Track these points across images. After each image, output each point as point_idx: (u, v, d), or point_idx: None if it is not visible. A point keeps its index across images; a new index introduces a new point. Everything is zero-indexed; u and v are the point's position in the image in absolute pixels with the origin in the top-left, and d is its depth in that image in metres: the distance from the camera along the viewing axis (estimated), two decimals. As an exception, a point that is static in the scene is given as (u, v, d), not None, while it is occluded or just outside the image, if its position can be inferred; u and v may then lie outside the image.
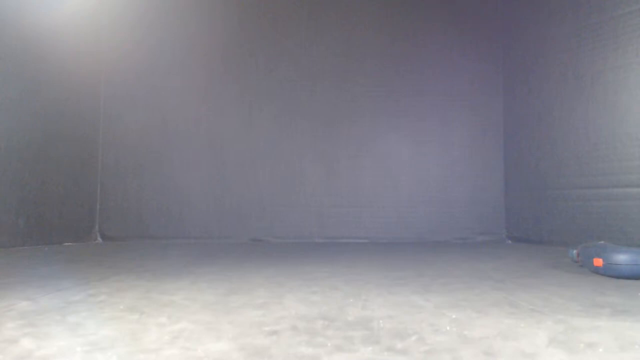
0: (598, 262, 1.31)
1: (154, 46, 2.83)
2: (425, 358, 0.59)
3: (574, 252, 1.51)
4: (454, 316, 0.81)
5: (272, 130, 2.84)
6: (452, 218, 2.78)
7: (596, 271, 1.33)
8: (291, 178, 2.81)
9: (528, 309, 0.87)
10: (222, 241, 2.69)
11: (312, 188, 2.80)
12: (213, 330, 0.72)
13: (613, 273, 1.26)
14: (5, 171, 2.06)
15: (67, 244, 2.42)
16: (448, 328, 0.73)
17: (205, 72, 2.85)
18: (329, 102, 2.84)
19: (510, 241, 2.70)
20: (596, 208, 2.12)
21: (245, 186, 2.80)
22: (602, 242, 1.52)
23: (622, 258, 1.25)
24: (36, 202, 2.24)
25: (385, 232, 2.76)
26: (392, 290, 1.08)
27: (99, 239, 2.71)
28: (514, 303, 0.93)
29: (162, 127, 2.81)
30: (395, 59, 2.85)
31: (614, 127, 2.06)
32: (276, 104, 2.84)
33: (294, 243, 2.64)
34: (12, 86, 2.11)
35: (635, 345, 0.66)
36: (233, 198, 2.79)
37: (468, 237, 2.75)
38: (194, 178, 2.80)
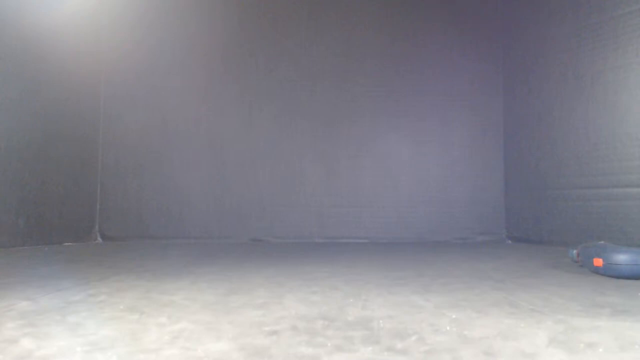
0: (598, 262, 1.31)
1: (154, 46, 2.83)
2: (425, 358, 0.59)
3: (574, 252, 1.51)
4: (454, 316, 0.81)
5: (272, 130, 2.84)
6: (452, 218, 2.78)
7: (596, 271, 1.33)
8: (291, 178, 2.81)
9: (528, 309, 0.87)
10: (222, 241, 2.69)
11: (312, 188, 2.80)
12: (213, 330, 0.72)
13: (613, 273, 1.27)
14: (5, 171, 2.06)
15: (67, 244, 2.41)
16: (448, 328, 0.73)
17: (205, 72, 2.85)
18: (329, 102, 2.84)
19: (510, 241, 2.71)
20: (596, 208, 2.12)
21: (245, 186, 2.80)
22: (602, 242, 1.52)
23: (622, 258, 1.25)
24: (36, 202, 2.24)
25: (385, 232, 2.76)
26: (392, 290, 1.08)
27: (99, 239, 2.71)
28: (514, 303, 0.93)
29: (162, 127, 2.81)
30: (395, 59, 2.86)
31: (614, 127, 2.06)
32: (276, 104, 2.84)
33: (294, 243, 2.64)
34: (12, 86, 2.11)
35: (635, 345, 0.66)
36: (233, 198, 2.79)
37: (468, 237, 2.75)
38: (194, 178, 2.80)
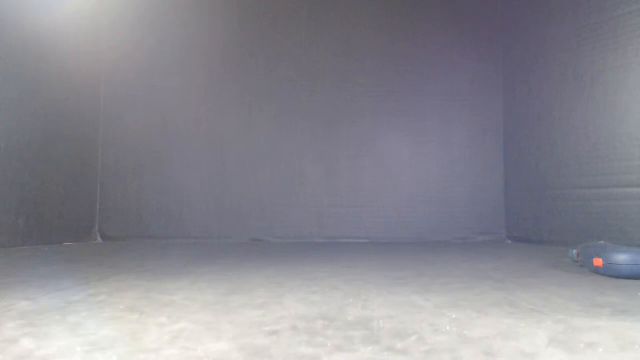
0: (598, 262, 1.31)
1: (154, 46, 2.83)
2: (425, 358, 0.59)
3: (574, 252, 1.51)
4: (454, 316, 0.81)
5: (272, 130, 2.84)
6: (452, 218, 2.78)
7: (596, 271, 1.33)
8: (291, 178, 2.81)
9: (528, 309, 0.87)
10: (222, 241, 2.69)
11: (312, 188, 2.80)
12: (213, 330, 0.72)
13: (613, 273, 1.26)
14: (5, 171, 2.06)
15: (67, 244, 2.41)
16: (448, 328, 0.73)
17: (205, 72, 2.85)
18: (329, 102, 2.84)
19: (510, 241, 2.70)
20: (596, 208, 2.12)
21: (245, 186, 2.80)
22: (602, 242, 1.52)
23: (622, 258, 1.25)
24: (36, 202, 2.24)
25: (385, 232, 2.76)
26: (392, 290, 1.08)
27: (99, 239, 2.71)
28: (514, 303, 0.93)
29: (162, 127, 2.81)
30: (395, 59, 2.85)
31: (614, 127, 2.06)
32: (276, 104, 2.84)
33: (294, 243, 2.64)
34: (12, 86, 2.11)
35: (635, 345, 0.66)
36: (233, 198, 2.79)
37: (468, 237, 2.75)
38: (194, 178, 2.80)
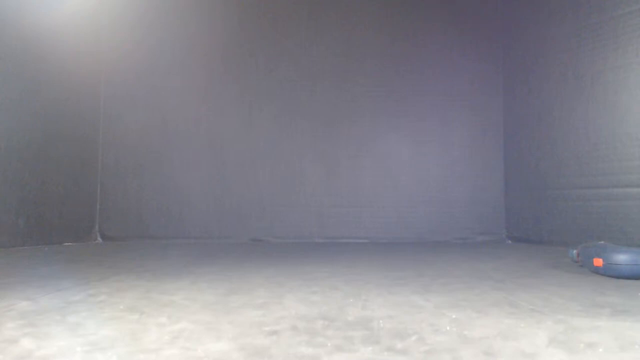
0: (598, 262, 1.31)
1: (154, 46, 2.83)
2: (425, 358, 0.59)
3: (574, 252, 1.51)
4: (454, 316, 0.81)
5: (272, 130, 2.84)
6: (452, 218, 2.78)
7: (596, 271, 1.33)
8: (291, 178, 2.81)
9: (528, 309, 0.87)
10: (222, 241, 2.69)
11: (312, 188, 2.80)
12: (213, 330, 0.72)
13: (613, 273, 1.26)
14: (5, 171, 2.06)
15: (67, 244, 2.41)
16: (448, 328, 0.73)
17: (205, 72, 2.85)
18: (329, 102, 2.84)
19: (510, 241, 2.70)
20: (596, 208, 2.12)
21: (245, 186, 2.80)
22: (602, 242, 1.52)
23: (622, 258, 1.25)
24: (36, 202, 2.24)
25: (385, 232, 2.76)
26: (392, 290, 1.08)
27: (99, 239, 2.71)
28: (514, 303, 0.93)
29: (162, 127, 2.81)
30: (395, 59, 2.85)
31: (614, 127, 2.06)
32: (276, 104, 2.84)
33: (294, 243, 2.64)
34: (12, 86, 2.11)
35: (635, 345, 0.65)
36: (233, 198, 2.79)
37: (468, 237, 2.75)
38: (194, 178, 2.80)
